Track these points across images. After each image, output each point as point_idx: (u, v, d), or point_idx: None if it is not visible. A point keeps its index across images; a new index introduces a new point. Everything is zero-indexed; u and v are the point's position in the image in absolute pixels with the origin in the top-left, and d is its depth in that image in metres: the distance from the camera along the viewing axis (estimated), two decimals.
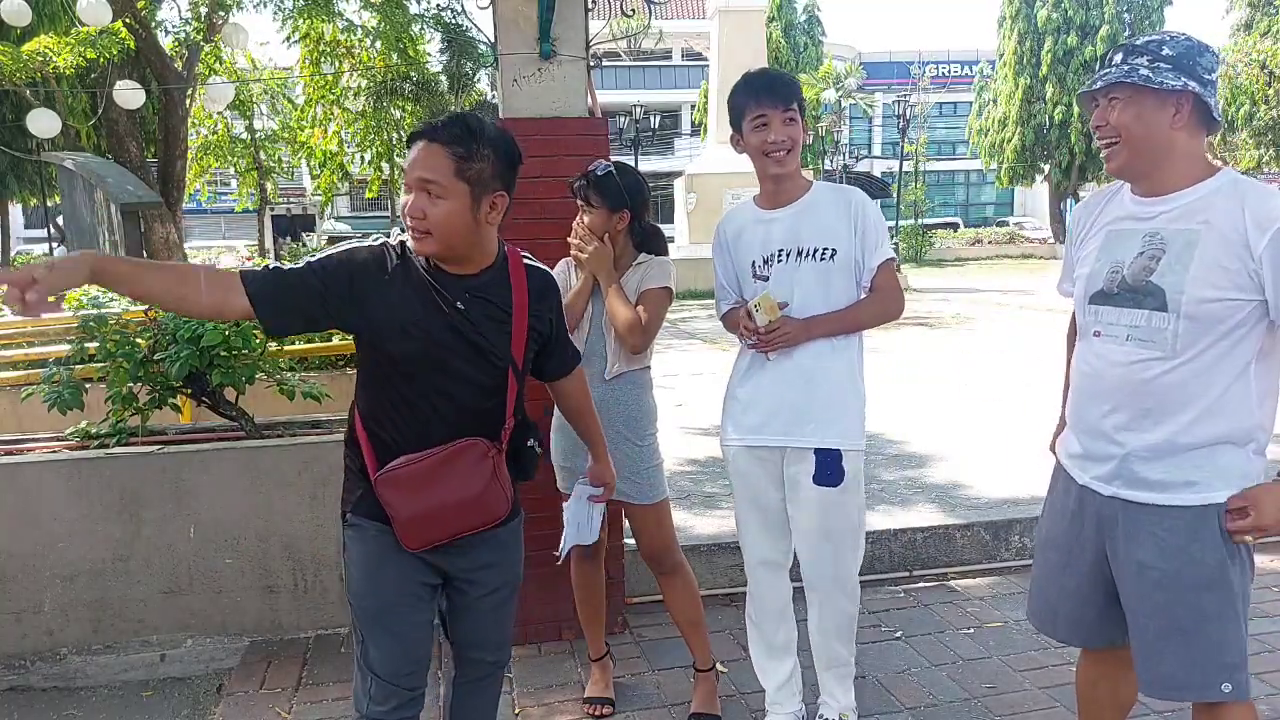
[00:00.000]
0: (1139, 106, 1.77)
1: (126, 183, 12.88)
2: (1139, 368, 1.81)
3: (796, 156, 2.43)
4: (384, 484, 1.86)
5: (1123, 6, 31.57)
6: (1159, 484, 1.82)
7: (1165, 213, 1.81)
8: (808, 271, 2.39)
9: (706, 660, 2.85)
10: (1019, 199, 49.96)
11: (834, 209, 2.41)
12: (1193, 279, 1.73)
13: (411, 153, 1.79)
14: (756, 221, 2.49)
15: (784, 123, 2.37)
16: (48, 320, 5.27)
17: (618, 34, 4.43)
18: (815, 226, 2.40)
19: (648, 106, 39.33)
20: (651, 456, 2.71)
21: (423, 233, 1.78)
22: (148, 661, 3.27)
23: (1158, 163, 1.80)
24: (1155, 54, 1.76)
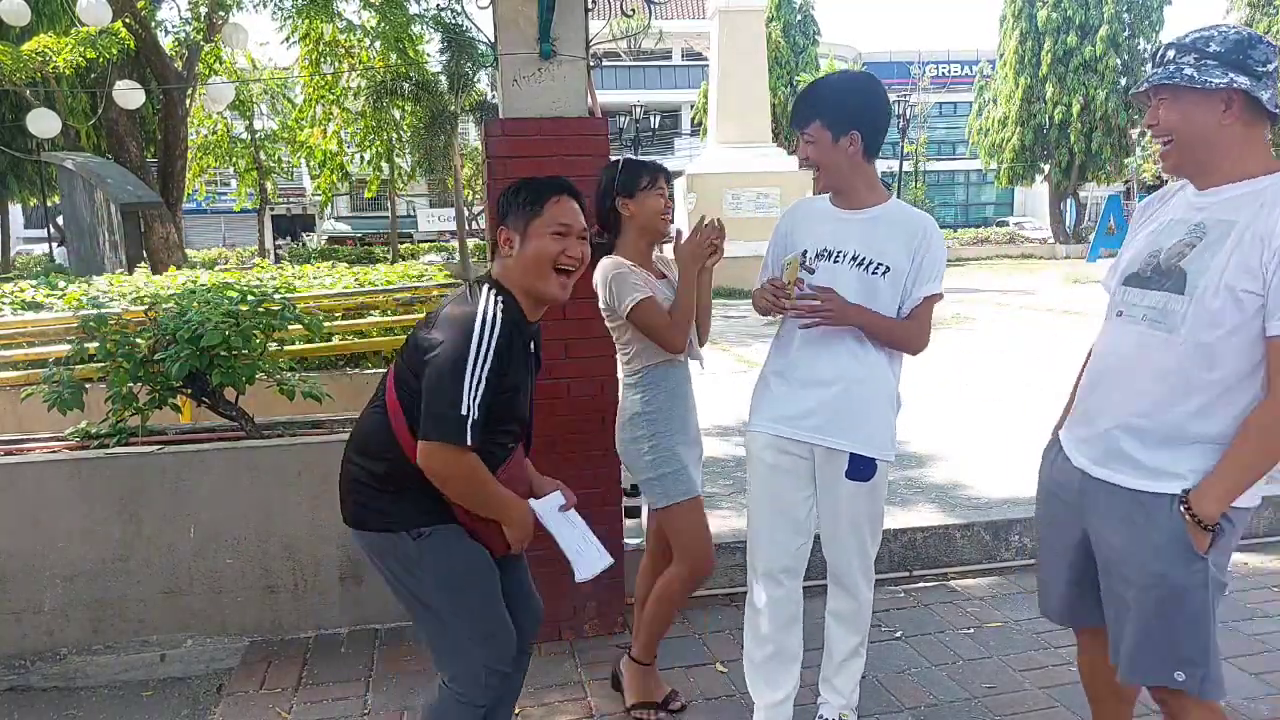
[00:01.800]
0: (1186, 105, 1.78)
1: (126, 183, 12.89)
2: (1145, 346, 1.83)
3: (828, 175, 2.42)
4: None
5: (1123, 6, 31.52)
6: (1141, 468, 1.83)
7: (1215, 204, 1.82)
8: (853, 278, 2.37)
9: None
10: (1019, 199, 49.96)
11: (901, 230, 2.41)
12: (1216, 266, 1.74)
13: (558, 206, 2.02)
14: (824, 215, 2.49)
15: (804, 142, 2.42)
16: (48, 320, 5.28)
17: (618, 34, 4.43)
18: (876, 240, 2.39)
19: (648, 106, 39.36)
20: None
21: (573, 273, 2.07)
22: (148, 661, 3.27)
23: (1211, 158, 1.81)
24: (1202, 51, 1.77)
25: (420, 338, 1.99)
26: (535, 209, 2.01)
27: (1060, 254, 31.63)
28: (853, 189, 2.44)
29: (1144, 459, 1.82)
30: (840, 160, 2.38)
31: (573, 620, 3.33)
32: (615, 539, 3.33)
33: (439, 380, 1.88)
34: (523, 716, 2.85)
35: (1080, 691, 2.86)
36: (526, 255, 2.00)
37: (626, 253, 2.63)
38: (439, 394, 1.87)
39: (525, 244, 2.00)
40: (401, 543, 2.01)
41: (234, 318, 3.45)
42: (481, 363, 1.87)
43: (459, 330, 1.90)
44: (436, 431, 1.87)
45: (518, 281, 2.03)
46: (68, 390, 3.47)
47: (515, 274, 2.02)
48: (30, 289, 6.59)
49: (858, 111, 2.37)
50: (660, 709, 2.79)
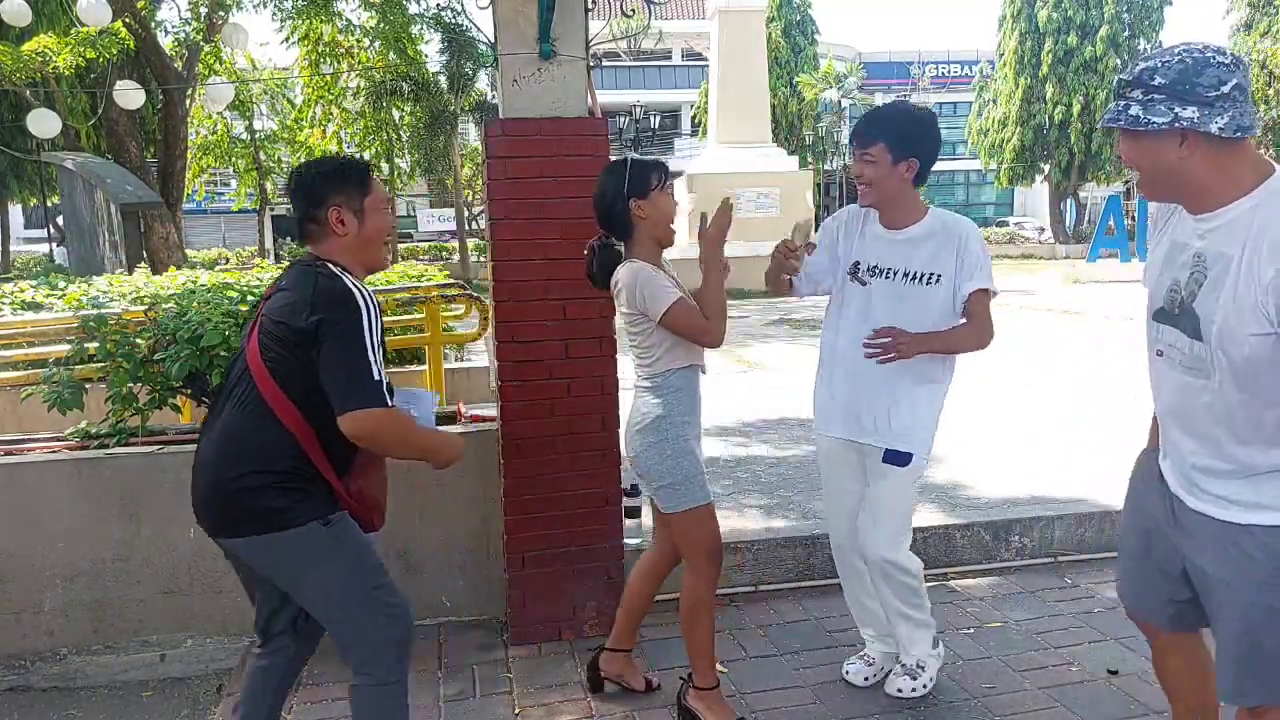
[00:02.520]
0: (1139, 143, 1.71)
1: (126, 183, 12.89)
2: (1190, 393, 1.79)
3: (881, 191, 2.63)
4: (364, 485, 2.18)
5: (1123, 6, 31.50)
6: (1224, 501, 1.79)
7: (1210, 230, 1.73)
8: (909, 293, 2.64)
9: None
10: (1019, 199, 49.91)
11: (943, 237, 2.65)
12: (1222, 311, 1.68)
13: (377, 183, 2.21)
14: (874, 232, 2.73)
15: (861, 161, 2.63)
16: (48, 320, 5.28)
17: (618, 34, 4.43)
18: (924, 252, 2.65)
19: (648, 106, 39.37)
20: None
21: None
22: (148, 661, 3.27)
23: (1186, 189, 1.73)
24: (1147, 85, 1.67)
25: (293, 328, 2.00)
26: (366, 188, 2.15)
27: (1060, 254, 31.62)
28: (898, 208, 2.67)
29: (1226, 494, 1.79)
30: (894, 183, 2.62)
31: (573, 620, 3.33)
32: (615, 539, 3.33)
33: (347, 354, 1.98)
34: (523, 716, 2.85)
35: (1080, 691, 2.87)
36: (369, 231, 2.15)
37: (642, 255, 2.58)
38: (351, 366, 1.98)
39: (365, 221, 2.14)
40: (311, 534, 2.05)
41: (234, 318, 3.45)
42: (377, 329, 2.02)
43: (345, 307, 2.00)
44: (360, 401, 1.97)
45: (357, 257, 2.15)
46: (68, 390, 3.47)
47: (355, 250, 2.14)
48: (30, 289, 6.59)
49: (918, 141, 2.62)
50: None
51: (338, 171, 2.16)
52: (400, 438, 2.11)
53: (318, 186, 2.13)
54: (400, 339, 5.72)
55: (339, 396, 1.97)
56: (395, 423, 2.05)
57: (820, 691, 2.92)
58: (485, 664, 3.19)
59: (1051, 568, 3.89)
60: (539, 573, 3.28)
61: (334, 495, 2.12)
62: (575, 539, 3.25)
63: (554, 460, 3.18)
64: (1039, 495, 4.36)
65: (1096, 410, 6.37)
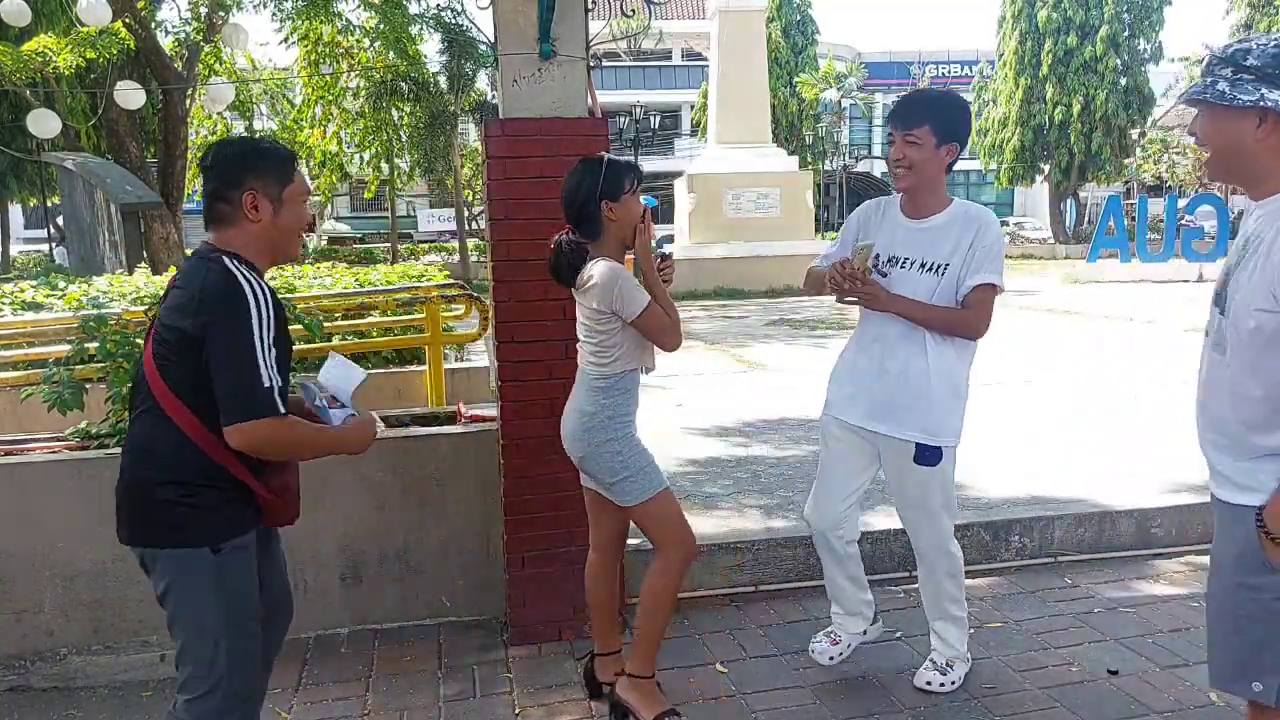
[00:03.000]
0: (1219, 121, 1.76)
1: (126, 183, 12.90)
2: (1213, 366, 1.86)
3: (920, 175, 2.63)
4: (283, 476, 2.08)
5: (1123, 6, 31.50)
6: (1228, 481, 1.84)
7: (1262, 215, 1.80)
8: (922, 283, 2.65)
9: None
10: (1019, 199, 49.93)
11: (960, 227, 2.66)
12: (1243, 287, 1.74)
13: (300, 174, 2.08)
14: (896, 223, 2.75)
15: (904, 142, 2.60)
16: (48, 320, 5.28)
17: (618, 34, 4.43)
18: (941, 242, 2.66)
19: (648, 106, 39.35)
20: None
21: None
22: (148, 661, 3.27)
23: (1251, 171, 1.78)
24: (1238, 64, 1.72)
25: (182, 328, 1.90)
26: (287, 176, 2.03)
27: (1060, 254, 31.61)
28: (929, 194, 2.68)
29: (1229, 473, 1.83)
30: (935, 167, 2.63)
31: (572, 620, 3.33)
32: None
33: (235, 360, 1.85)
34: (523, 716, 2.85)
35: (1080, 691, 2.87)
36: (283, 221, 2.03)
37: (609, 255, 2.57)
38: (238, 374, 1.85)
39: (280, 210, 2.02)
40: (196, 559, 1.95)
41: None
42: (266, 331, 1.89)
43: (233, 307, 1.88)
44: (248, 411, 1.85)
45: (266, 246, 2.04)
46: (68, 390, 3.47)
47: (266, 238, 2.02)
48: (30, 289, 6.59)
49: (960, 127, 2.65)
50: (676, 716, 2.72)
51: (259, 154, 2.03)
52: (292, 445, 1.98)
53: (235, 167, 1.99)
54: (400, 339, 5.72)
55: (223, 408, 1.86)
56: (284, 432, 1.91)
57: (820, 691, 2.93)
58: (485, 664, 3.19)
59: (1051, 568, 3.90)
60: (539, 573, 3.28)
61: (247, 512, 2.02)
62: (575, 539, 3.25)
63: (554, 460, 3.18)
64: (1039, 495, 4.36)
65: (1096, 410, 6.37)
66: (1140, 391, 6.98)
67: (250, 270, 1.97)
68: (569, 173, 2.61)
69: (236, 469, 1.96)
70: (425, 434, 3.58)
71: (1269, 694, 1.79)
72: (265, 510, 2.07)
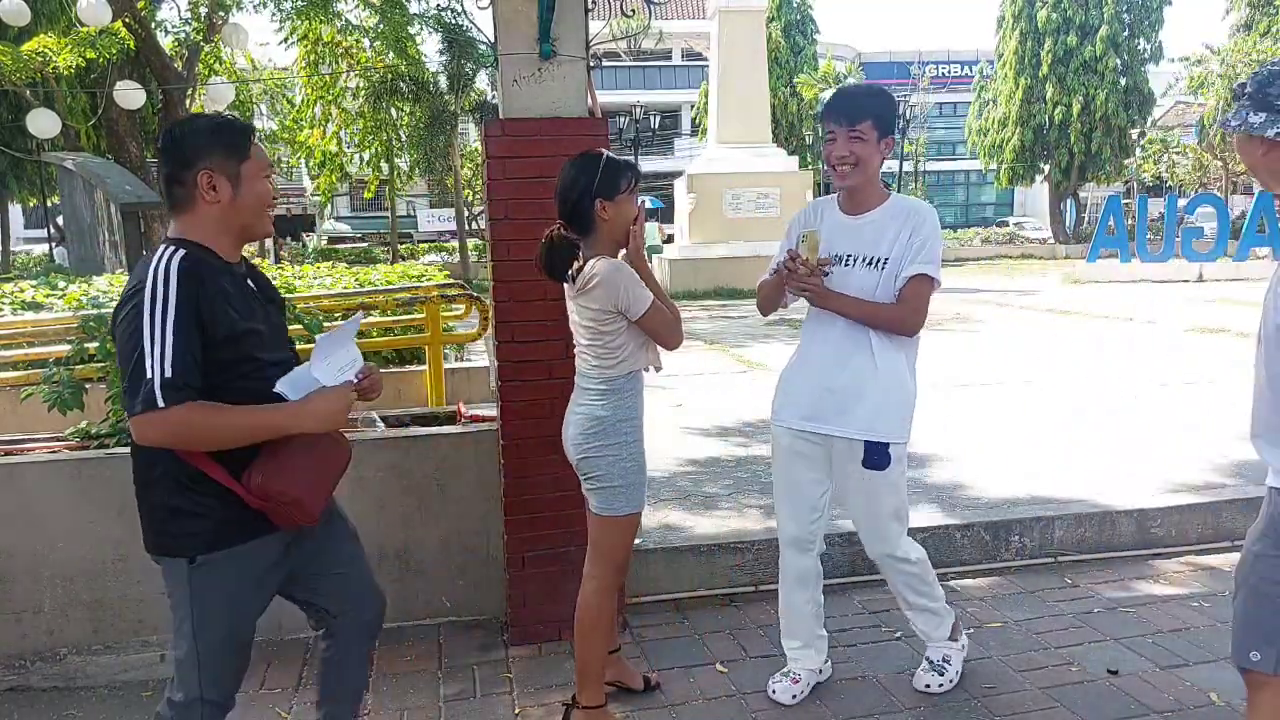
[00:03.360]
0: (1240, 145, 1.88)
1: (126, 183, 12.90)
2: (1258, 365, 1.91)
3: (864, 171, 2.60)
4: (271, 480, 1.87)
5: (1123, 6, 31.51)
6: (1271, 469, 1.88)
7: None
8: (859, 276, 2.61)
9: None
10: (1019, 199, 49.96)
11: (898, 221, 2.62)
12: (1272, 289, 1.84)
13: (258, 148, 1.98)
14: (834, 221, 2.71)
15: (848, 139, 2.57)
16: (48, 320, 5.28)
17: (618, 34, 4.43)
18: (880, 236, 2.62)
19: (648, 106, 39.34)
20: None
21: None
22: (148, 661, 3.27)
23: (1272, 186, 1.90)
24: (1241, 93, 1.84)
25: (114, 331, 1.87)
26: (244, 151, 1.91)
27: (1060, 254, 31.62)
28: (869, 189, 2.66)
29: (1271, 460, 1.89)
30: (876, 160, 2.61)
31: (572, 620, 3.33)
32: None
33: (123, 355, 1.77)
34: (522, 716, 2.85)
35: (1080, 691, 2.87)
36: (245, 199, 1.91)
37: (601, 253, 2.53)
38: (125, 369, 1.76)
39: (240, 187, 1.91)
40: (177, 569, 1.93)
41: None
42: (160, 322, 1.74)
43: (128, 301, 1.79)
44: (132, 406, 1.73)
45: (229, 225, 1.92)
46: (68, 390, 3.47)
47: (227, 218, 1.91)
48: (30, 289, 6.59)
49: (894, 120, 2.66)
50: None
51: (212, 130, 1.91)
52: (202, 432, 1.78)
53: (185, 147, 1.88)
54: (400, 339, 5.72)
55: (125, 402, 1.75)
56: (173, 423, 1.73)
57: (820, 691, 2.92)
58: (485, 664, 3.19)
59: (1051, 568, 3.90)
60: (539, 573, 3.28)
61: (245, 518, 1.90)
62: (575, 539, 3.25)
63: (554, 460, 3.17)
64: (1039, 495, 4.35)
65: (1096, 410, 6.37)
66: (1140, 391, 6.98)
67: (184, 255, 1.83)
68: (565, 165, 2.56)
69: (215, 472, 1.85)
70: (425, 434, 3.58)
71: (1267, 661, 1.84)
72: (269, 515, 1.93)
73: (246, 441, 1.85)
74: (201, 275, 1.83)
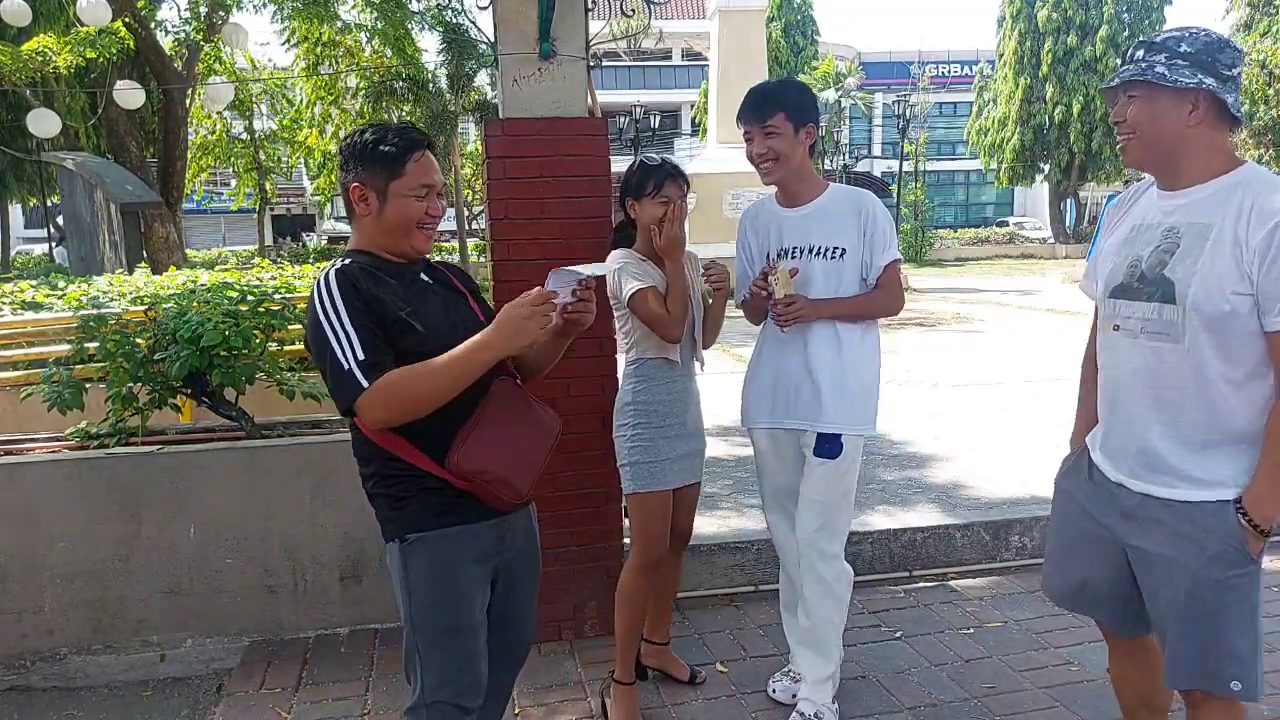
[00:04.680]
0: (1154, 103, 1.80)
1: (126, 183, 12.90)
2: (1154, 358, 1.84)
3: (786, 164, 2.60)
4: (467, 459, 1.84)
5: (1123, 6, 31.51)
6: (1183, 477, 1.83)
7: (1183, 206, 1.83)
8: (818, 268, 2.60)
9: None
10: (1019, 199, 49.90)
11: (846, 211, 2.61)
12: (1200, 273, 1.75)
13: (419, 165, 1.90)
14: (774, 218, 2.71)
15: (763, 136, 2.58)
16: (48, 320, 5.28)
17: (618, 34, 4.44)
18: (827, 227, 2.61)
19: (648, 106, 39.33)
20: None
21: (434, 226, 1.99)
22: (148, 661, 3.27)
23: (1174, 158, 1.83)
24: (1173, 50, 1.78)
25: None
26: (397, 169, 1.89)
27: (1060, 254, 31.62)
28: (801, 181, 2.64)
29: (1183, 468, 1.83)
30: (798, 152, 2.60)
31: (573, 620, 3.33)
32: (615, 539, 3.33)
33: (317, 357, 1.83)
34: (522, 716, 2.85)
35: (1080, 691, 2.87)
36: (389, 218, 1.90)
37: (639, 247, 2.70)
38: (323, 368, 1.81)
39: (386, 205, 1.90)
40: (392, 553, 1.92)
41: (234, 318, 3.45)
42: (336, 319, 1.79)
43: (309, 307, 1.86)
44: (344, 399, 1.78)
45: (379, 243, 1.93)
46: (68, 390, 3.47)
47: (377, 236, 1.92)
48: (30, 289, 6.59)
49: (811, 108, 2.62)
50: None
51: (362, 146, 1.91)
52: (410, 397, 1.77)
53: (343, 158, 1.93)
54: None
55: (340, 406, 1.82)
56: (382, 398, 1.75)
57: None
58: None
59: None
60: None
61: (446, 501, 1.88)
62: (575, 539, 3.25)
63: (554, 460, 3.17)
64: (1039, 495, 4.35)
65: None
66: None
67: (348, 262, 1.89)
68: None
69: (416, 459, 1.85)
70: None
71: (1248, 688, 1.81)
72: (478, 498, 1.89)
73: (456, 386, 1.79)
74: (367, 271, 1.87)
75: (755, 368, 2.79)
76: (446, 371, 1.78)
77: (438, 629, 1.91)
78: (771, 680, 2.93)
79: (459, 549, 1.91)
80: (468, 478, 1.85)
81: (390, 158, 1.88)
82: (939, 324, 12.82)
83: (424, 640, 1.91)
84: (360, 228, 1.95)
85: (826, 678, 2.72)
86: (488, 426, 1.88)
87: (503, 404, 1.92)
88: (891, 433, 5.73)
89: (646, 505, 2.69)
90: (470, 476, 1.85)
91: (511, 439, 1.91)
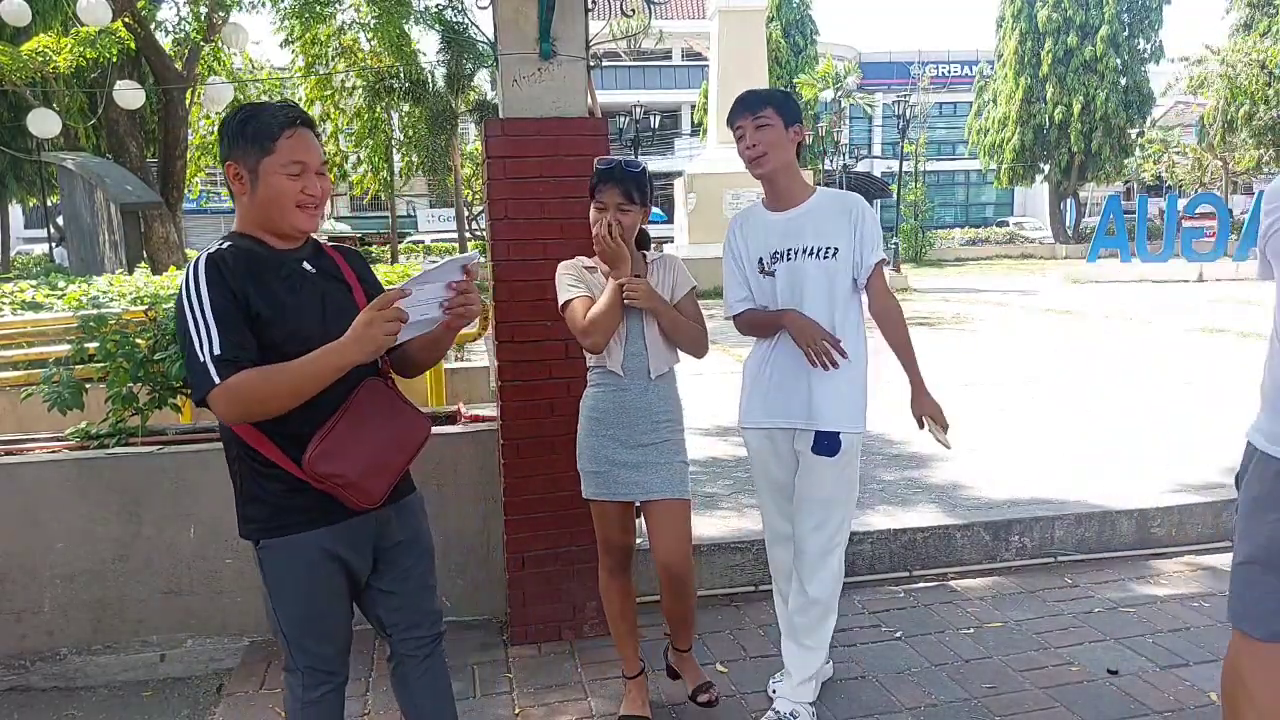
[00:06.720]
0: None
1: (126, 183, 12.92)
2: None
3: (777, 158, 2.60)
4: (320, 461, 1.82)
5: (1122, 6, 31.53)
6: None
7: None
8: (812, 268, 2.60)
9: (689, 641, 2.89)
10: (1019, 199, 49.94)
11: (836, 212, 2.63)
12: None
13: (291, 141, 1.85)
14: (764, 222, 2.71)
15: (755, 128, 2.58)
16: (48, 320, 5.28)
17: (618, 34, 4.43)
18: (819, 228, 2.61)
19: (648, 106, 39.34)
20: (683, 451, 2.73)
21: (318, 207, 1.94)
22: (148, 661, 3.27)
23: None
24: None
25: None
26: (268, 145, 1.83)
27: (1060, 254, 31.64)
28: (791, 180, 2.66)
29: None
30: (788, 148, 2.61)
31: (573, 620, 3.33)
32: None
33: (180, 344, 1.84)
34: (523, 716, 2.85)
35: (1080, 691, 2.87)
36: (262, 197, 1.85)
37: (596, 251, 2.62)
38: (183, 355, 1.80)
39: (258, 184, 1.84)
40: (255, 552, 1.94)
41: None
42: (200, 308, 1.76)
43: (178, 291, 1.82)
44: (197, 391, 1.76)
45: (259, 224, 1.89)
46: (68, 390, 3.47)
47: (255, 216, 1.88)
48: (30, 289, 6.59)
49: (798, 113, 2.65)
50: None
51: (236, 124, 1.86)
52: (262, 395, 1.74)
53: (219, 138, 1.88)
54: None
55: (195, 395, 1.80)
56: (232, 395, 1.73)
57: (820, 691, 2.92)
58: (485, 664, 3.19)
59: (1051, 568, 3.90)
60: (539, 573, 3.28)
61: (308, 501, 1.86)
62: (575, 539, 3.25)
63: (554, 460, 3.18)
64: (1039, 495, 4.35)
65: (1097, 410, 6.37)
66: (1140, 391, 6.98)
67: (223, 247, 1.84)
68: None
69: (275, 456, 1.83)
70: None
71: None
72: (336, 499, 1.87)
73: (311, 388, 1.77)
74: (241, 258, 1.82)
75: (753, 368, 2.80)
76: (300, 375, 1.76)
77: (295, 617, 1.98)
78: (771, 680, 2.93)
79: (311, 552, 1.91)
80: (320, 480, 1.83)
81: (261, 135, 1.84)
82: (939, 324, 12.82)
83: (284, 621, 1.98)
84: (239, 208, 1.90)
85: (810, 677, 2.71)
86: (346, 428, 1.85)
87: (367, 405, 1.90)
88: (891, 432, 5.72)
89: (597, 510, 2.70)
90: (323, 479, 1.83)
91: (369, 442, 1.88)
